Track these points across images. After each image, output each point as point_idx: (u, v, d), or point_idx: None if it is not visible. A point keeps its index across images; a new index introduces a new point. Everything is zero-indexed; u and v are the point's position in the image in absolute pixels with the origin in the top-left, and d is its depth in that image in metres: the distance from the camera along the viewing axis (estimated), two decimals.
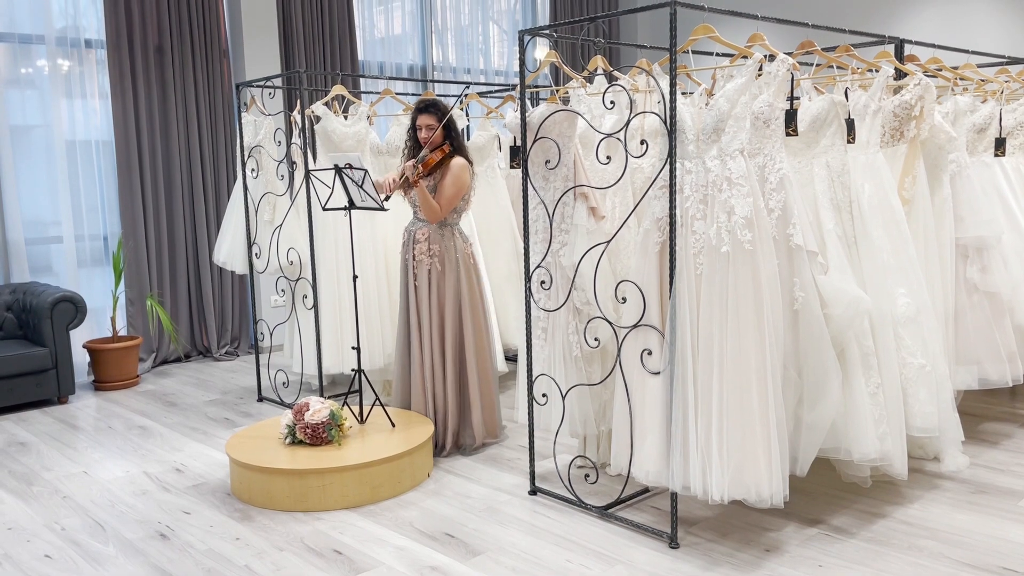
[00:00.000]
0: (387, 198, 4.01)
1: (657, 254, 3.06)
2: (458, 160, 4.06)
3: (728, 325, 2.88)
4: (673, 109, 2.89)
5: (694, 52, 3.28)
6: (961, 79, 4.32)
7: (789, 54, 3.13)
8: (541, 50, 7.75)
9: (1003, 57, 4.95)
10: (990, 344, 3.92)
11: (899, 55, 3.97)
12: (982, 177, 4.14)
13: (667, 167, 2.94)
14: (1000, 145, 4.26)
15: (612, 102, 3.26)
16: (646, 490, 3.52)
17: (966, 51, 4.58)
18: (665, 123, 2.92)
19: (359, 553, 3.12)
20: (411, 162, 4.03)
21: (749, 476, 2.84)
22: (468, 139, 5.60)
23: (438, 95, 5.76)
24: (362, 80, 7.18)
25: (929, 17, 6.96)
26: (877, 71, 3.57)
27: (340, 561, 3.06)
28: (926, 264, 3.65)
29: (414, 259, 4.13)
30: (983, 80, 4.47)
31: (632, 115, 3.17)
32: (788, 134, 3.05)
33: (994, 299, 3.95)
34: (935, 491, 3.51)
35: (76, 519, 3.51)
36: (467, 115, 5.54)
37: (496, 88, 6.35)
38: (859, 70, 3.70)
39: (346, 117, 5.15)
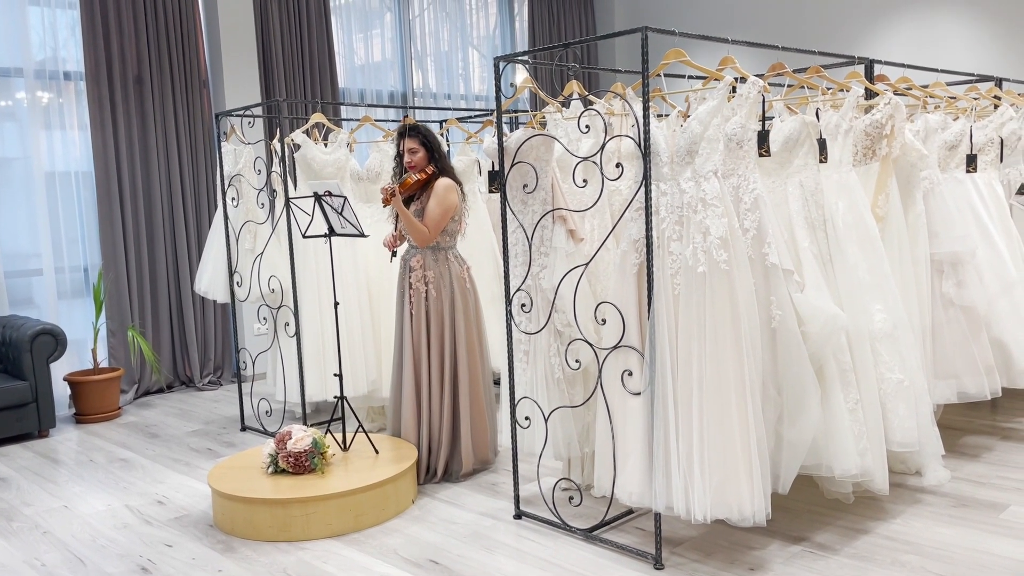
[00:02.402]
0: (394, 254, 4.14)
1: (635, 275, 3.09)
2: (443, 180, 4.02)
3: (706, 344, 2.90)
4: (647, 132, 2.93)
5: (668, 76, 3.33)
6: (931, 97, 4.39)
7: (760, 76, 3.18)
8: (520, 75, 7.81)
9: (972, 75, 5.04)
10: (968, 358, 3.96)
11: (869, 75, 4.04)
12: (955, 193, 4.20)
13: (643, 189, 2.97)
14: (972, 161, 4.33)
15: (587, 126, 3.30)
16: (630, 511, 3.52)
17: (935, 70, 4.65)
18: (639, 146, 2.96)
19: None
20: (387, 186, 3.96)
21: (731, 495, 2.85)
22: None
23: (418, 120, 5.81)
24: (342, 108, 7.21)
25: (898, 37, 7.08)
26: (847, 91, 3.63)
27: None
28: (901, 280, 3.69)
29: (410, 287, 4.08)
30: (953, 98, 4.54)
31: (607, 139, 3.21)
32: (761, 155, 3.09)
33: (970, 313, 3.99)
34: (917, 505, 3.53)
35: (56, 554, 3.47)
36: (447, 140, 5.58)
37: (476, 113, 6.40)
38: (830, 90, 3.76)
39: (326, 145, 5.18)
